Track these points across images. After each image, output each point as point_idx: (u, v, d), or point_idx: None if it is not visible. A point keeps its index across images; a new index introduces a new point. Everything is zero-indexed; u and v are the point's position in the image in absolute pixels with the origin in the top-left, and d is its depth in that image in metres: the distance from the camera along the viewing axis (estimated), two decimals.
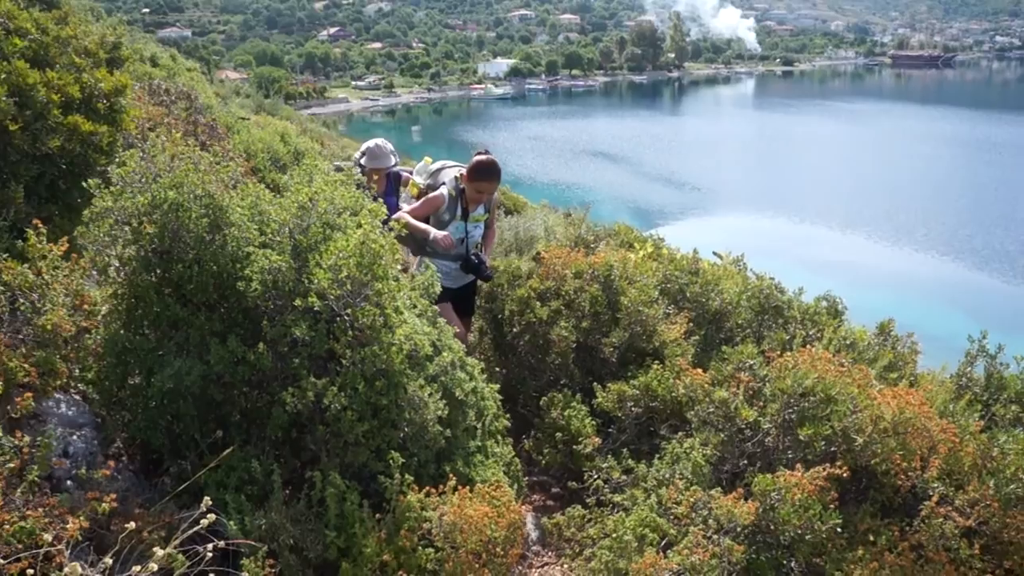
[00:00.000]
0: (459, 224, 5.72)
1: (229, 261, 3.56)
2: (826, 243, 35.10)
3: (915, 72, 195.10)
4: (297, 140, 17.42)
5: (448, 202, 5.68)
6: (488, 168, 5.59)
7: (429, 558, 3.06)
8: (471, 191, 5.64)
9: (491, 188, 5.69)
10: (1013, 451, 3.70)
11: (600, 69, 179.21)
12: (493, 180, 5.66)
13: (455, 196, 5.69)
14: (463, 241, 5.73)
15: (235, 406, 3.50)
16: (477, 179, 5.59)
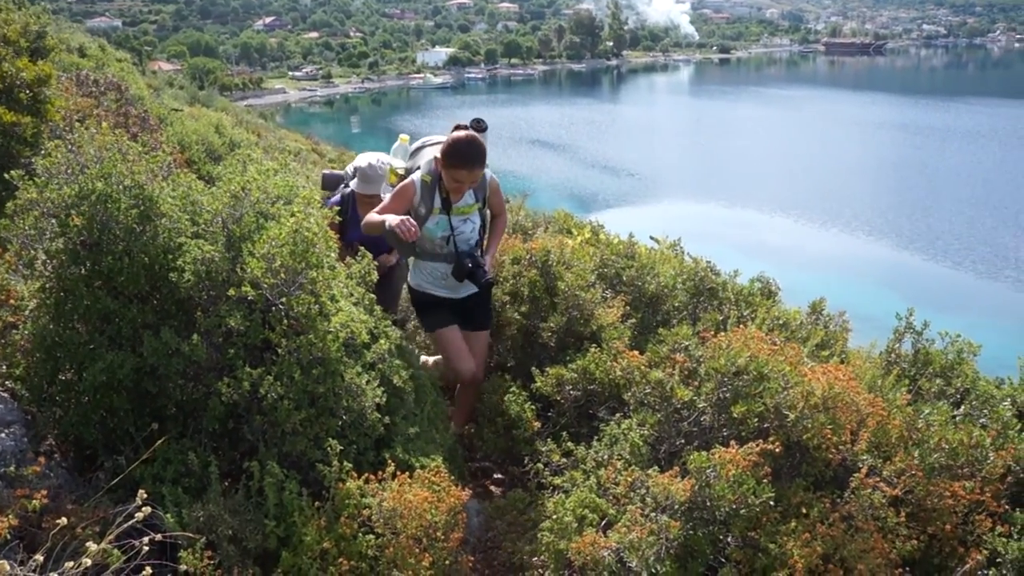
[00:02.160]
0: (440, 219, 4.67)
1: (161, 252, 3.51)
2: (761, 227, 35.67)
3: (848, 59, 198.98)
4: (232, 131, 17.17)
5: (421, 191, 4.60)
6: (463, 150, 4.43)
7: (370, 544, 3.06)
8: (447, 179, 4.53)
9: (471, 177, 4.51)
10: (937, 422, 3.83)
11: (539, 58, 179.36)
12: (470, 166, 4.46)
13: (430, 184, 4.62)
14: (448, 239, 4.71)
15: (170, 398, 3.46)
16: (450, 165, 4.46)
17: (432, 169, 4.61)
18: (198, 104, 31.47)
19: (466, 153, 4.38)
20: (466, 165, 4.40)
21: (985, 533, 3.49)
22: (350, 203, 6.11)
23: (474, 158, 4.39)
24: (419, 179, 4.59)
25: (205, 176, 8.25)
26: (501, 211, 5.03)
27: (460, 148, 4.39)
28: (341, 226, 5.54)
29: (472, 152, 4.39)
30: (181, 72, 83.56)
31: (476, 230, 4.82)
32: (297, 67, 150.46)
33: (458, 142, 4.39)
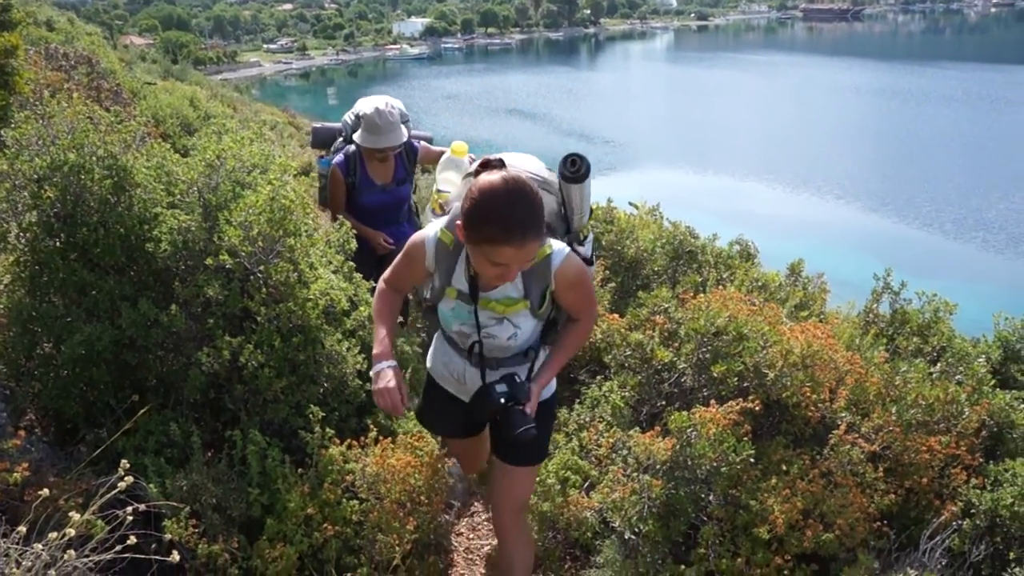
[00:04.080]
0: (459, 307, 2.79)
1: (136, 223, 3.48)
2: (739, 193, 35.66)
3: (826, 25, 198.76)
4: (207, 105, 16.97)
5: (436, 254, 2.75)
6: (502, 213, 2.37)
7: (354, 510, 3.08)
8: (475, 259, 2.53)
9: (519, 256, 2.43)
10: (914, 379, 3.88)
11: (516, 27, 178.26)
12: (516, 239, 2.38)
13: (451, 248, 2.71)
14: (472, 344, 2.86)
15: (150, 370, 3.45)
16: (479, 238, 2.43)
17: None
18: (172, 78, 31.04)
19: (508, 218, 2.35)
20: (508, 238, 2.36)
21: (960, 486, 3.55)
22: (356, 162, 4.93)
23: (522, 225, 2.36)
24: (434, 238, 2.72)
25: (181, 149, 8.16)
26: (584, 309, 2.85)
27: (497, 209, 2.36)
28: (348, 191, 4.96)
29: (518, 216, 2.36)
30: (153, 46, 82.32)
31: (523, 339, 2.83)
32: (272, 40, 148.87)
33: (494, 198, 2.36)
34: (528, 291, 2.71)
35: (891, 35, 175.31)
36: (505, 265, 2.44)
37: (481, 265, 2.50)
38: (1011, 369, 4.54)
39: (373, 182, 5.01)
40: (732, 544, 3.31)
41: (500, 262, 2.42)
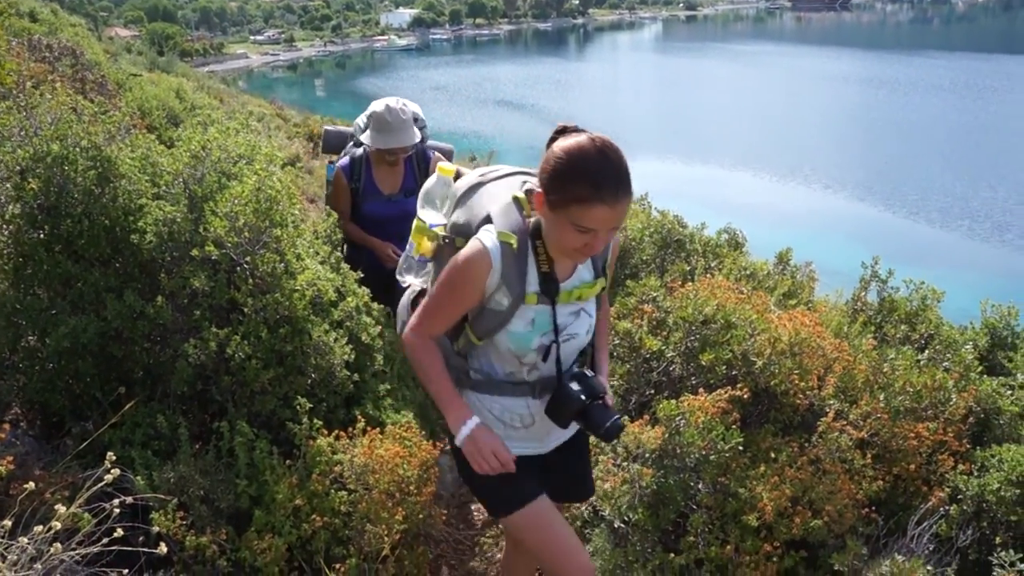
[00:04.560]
0: (540, 313, 2.45)
1: (121, 214, 3.45)
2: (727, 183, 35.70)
3: (814, 15, 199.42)
4: (194, 96, 16.86)
5: (503, 267, 2.36)
6: (607, 168, 2.21)
7: (342, 500, 3.07)
8: (564, 232, 2.26)
9: (613, 221, 2.23)
10: (901, 366, 3.89)
11: (504, 17, 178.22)
12: (619, 197, 2.20)
13: (517, 249, 2.36)
14: (548, 352, 2.50)
15: (137, 362, 3.43)
16: (579, 198, 2.20)
17: (518, 223, 2.37)
18: (158, 70, 30.85)
19: (600, 173, 2.18)
20: (601, 195, 2.16)
21: (947, 472, 3.57)
22: (362, 166, 4.61)
23: (615, 180, 2.19)
24: (497, 243, 2.34)
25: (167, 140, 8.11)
26: (609, 286, 2.75)
27: (588, 166, 2.19)
28: (353, 197, 4.64)
29: (611, 171, 2.19)
30: (139, 38, 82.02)
31: (591, 331, 2.63)
32: (259, 31, 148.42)
33: (583, 155, 2.20)
34: (597, 269, 2.55)
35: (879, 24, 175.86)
36: (593, 232, 2.21)
37: (565, 237, 2.25)
38: (998, 356, 4.56)
39: (379, 190, 4.63)
40: (721, 532, 3.31)
41: (589, 227, 2.19)
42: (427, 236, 2.64)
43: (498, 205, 2.43)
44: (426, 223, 2.65)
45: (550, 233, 2.32)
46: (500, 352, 2.49)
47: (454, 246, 2.49)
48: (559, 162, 2.21)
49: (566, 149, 2.22)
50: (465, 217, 2.51)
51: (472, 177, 2.61)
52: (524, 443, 2.64)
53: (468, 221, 2.49)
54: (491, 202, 2.46)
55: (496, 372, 2.56)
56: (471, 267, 2.35)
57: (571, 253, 2.33)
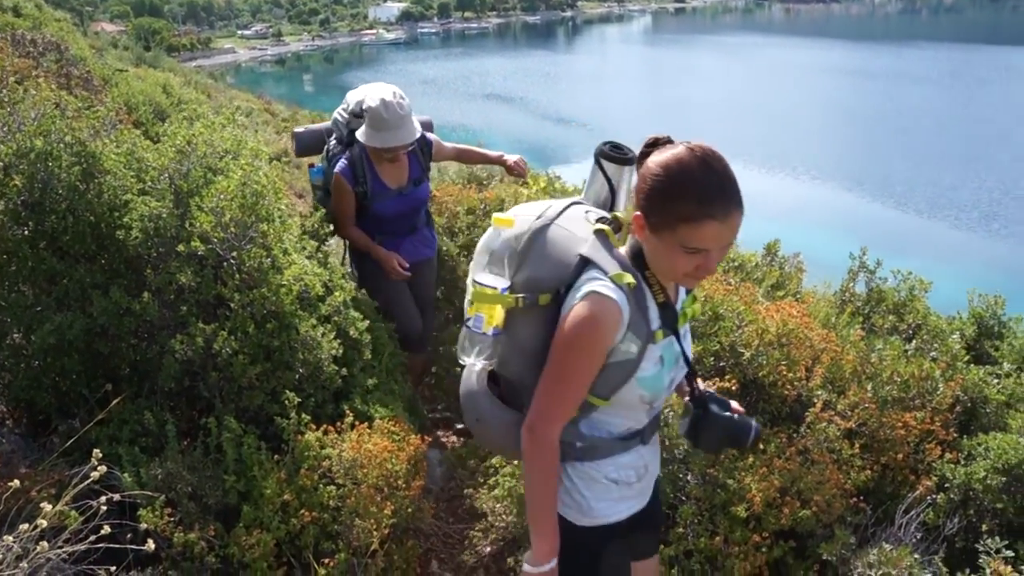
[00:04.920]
0: (667, 346, 2.19)
1: (106, 210, 3.43)
2: None
3: (803, 7, 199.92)
4: (181, 91, 16.79)
5: (630, 314, 2.06)
6: (719, 180, 1.97)
7: (331, 495, 3.06)
8: (668, 253, 2.02)
9: (722, 235, 1.96)
10: (889, 356, 3.91)
11: (493, 11, 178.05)
12: (735, 209, 1.97)
13: (635, 288, 2.08)
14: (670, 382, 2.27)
15: (123, 359, 3.41)
16: (675, 220, 1.96)
17: (622, 258, 2.12)
18: (144, 65, 30.71)
19: (707, 187, 1.95)
20: (711, 210, 1.93)
21: (935, 461, 3.59)
22: (364, 166, 4.26)
23: (724, 194, 1.96)
24: (617, 288, 2.04)
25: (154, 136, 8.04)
26: None
27: (692, 180, 1.96)
28: (359, 201, 4.33)
29: (718, 183, 1.96)
30: (125, 33, 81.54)
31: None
32: (246, 26, 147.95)
33: (684, 169, 1.96)
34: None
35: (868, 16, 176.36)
36: (705, 251, 1.95)
37: (674, 261, 1.99)
38: (984, 345, 4.59)
39: (387, 187, 4.32)
40: (710, 523, 3.32)
41: (700, 247, 1.94)
42: (501, 304, 2.17)
43: (586, 245, 2.12)
44: (496, 289, 2.17)
45: (657, 259, 2.06)
46: (628, 404, 2.17)
47: (537, 305, 2.14)
48: (657, 179, 1.97)
49: (663, 164, 1.97)
50: (544, 270, 2.14)
51: (527, 222, 2.22)
52: (634, 500, 2.35)
53: (550, 273, 2.13)
54: (572, 244, 2.14)
55: (613, 430, 2.23)
56: (602, 324, 2.01)
57: (682, 278, 2.07)
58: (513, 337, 2.21)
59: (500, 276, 2.21)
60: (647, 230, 2.02)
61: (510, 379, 2.30)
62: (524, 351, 2.20)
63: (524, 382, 2.22)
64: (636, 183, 2.06)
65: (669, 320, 2.14)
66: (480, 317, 2.21)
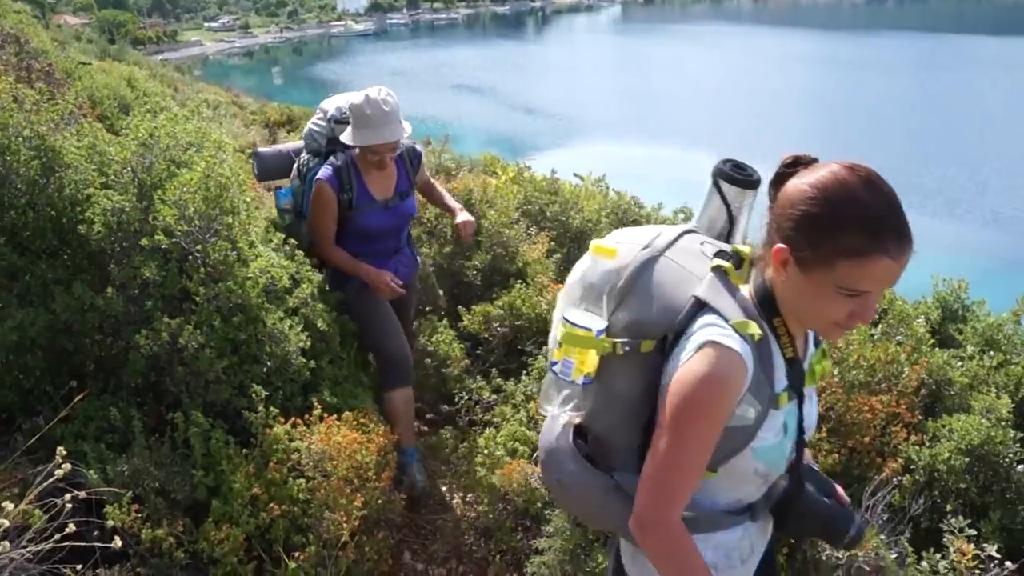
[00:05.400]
0: (791, 412, 1.80)
1: (67, 204, 3.39)
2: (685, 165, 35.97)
3: None
4: (146, 85, 16.57)
5: (753, 374, 1.68)
6: (870, 216, 1.59)
7: (300, 488, 3.04)
8: (823, 300, 1.64)
9: (892, 273, 1.61)
10: (856, 341, 3.95)
11: (463, 1, 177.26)
12: (894, 248, 1.59)
13: (759, 342, 1.69)
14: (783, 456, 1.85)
15: (88, 355, 3.37)
16: (838, 255, 1.59)
17: (746, 303, 1.76)
18: (109, 59, 30.27)
19: (892, 214, 1.63)
20: (883, 245, 1.59)
21: (900, 443, 3.63)
22: (350, 173, 3.91)
23: (899, 225, 1.63)
24: (742, 340, 1.68)
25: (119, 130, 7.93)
26: None
27: (860, 208, 1.61)
28: (342, 212, 3.93)
29: (901, 209, 1.66)
30: (89, 25, 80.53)
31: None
32: (213, 18, 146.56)
33: (850, 194, 1.62)
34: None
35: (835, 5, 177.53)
36: (865, 294, 1.62)
37: (824, 306, 1.65)
38: (949, 328, 4.65)
39: (373, 197, 3.96)
40: None
41: (862, 289, 1.61)
42: (595, 349, 1.82)
43: (702, 284, 1.76)
44: (591, 331, 1.82)
45: (799, 302, 1.69)
46: (739, 476, 1.83)
47: (637, 353, 1.79)
48: (814, 204, 1.61)
49: (820, 186, 1.62)
50: (649, 312, 1.79)
51: (632, 253, 1.86)
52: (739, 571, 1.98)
53: (657, 316, 1.77)
54: (685, 282, 1.79)
55: (717, 504, 1.89)
56: (724, 383, 1.65)
57: (828, 327, 1.71)
58: (607, 388, 1.86)
59: (596, 315, 1.85)
60: (793, 267, 1.64)
61: (600, 435, 1.93)
62: (619, 404, 1.86)
63: (615, 440, 1.90)
64: (777, 209, 1.68)
65: (796, 380, 1.79)
66: (569, 363, 1.87)
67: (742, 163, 2.04)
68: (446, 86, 65.86)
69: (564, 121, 49.87)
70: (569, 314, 1.87)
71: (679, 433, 1.67)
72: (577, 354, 1.84)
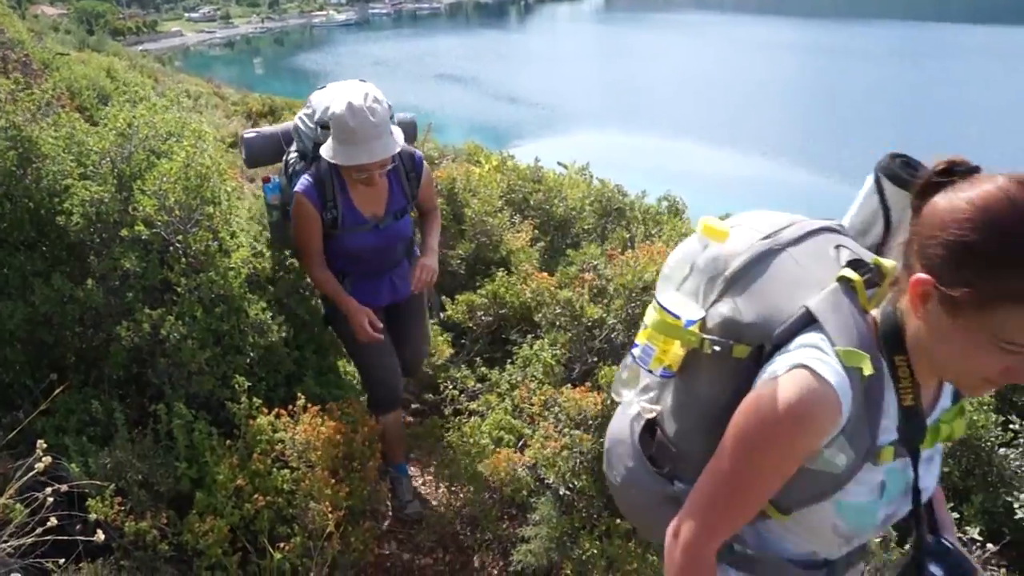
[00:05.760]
0: (895, 471, 1.47)
1: (45, 196, 3.36)
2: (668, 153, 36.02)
3: None
4: (126, 76, 16.43)
5: (855, 410, 1.37)
6: None
7: (285, 479, 3.03)
8: (974, 350, 1.29)
9: None
10: None
11: None
12: None
13: (871, 380, 1.37)
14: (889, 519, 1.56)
15: (68, 347, 3.35)
16: (1011, 294, 1.22)
17: (863, 330, 1.41)
18: (87, 50, 30.02)
19: None
20: None
21: None
22: (333, 187, 3.31)
23: None
24: (842, 374, 1.37)
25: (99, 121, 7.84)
26: None
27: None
28: (324, 230, 3.37)
29: None
30: (67, 16, 79.80)
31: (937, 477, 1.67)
32: (193, 8, 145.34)
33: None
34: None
35: None
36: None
37: (975, 358, 1.31)
38: None
39: (360, 216, 3.39)
40: None
41: None
42: (682, 339, 1.59)
43: (819, 293, 1.45)
44: (680, 318, 1.59)
45: (937, 348, 1.36)
46: (815, 529, 1.55)
47: (729, 356, 1.52)
48: (972, 229, 1.25)
49: (983, 206, 1.25)
50: (751, 312, 1.50)
51: (748, 240, 1.59)
52: None
53: (758, 318, 1.49)
54: (801, 287, 1.48)
55: (786, 551, 1.63)
56: (808, 417, 1.36)
57: (976, 383, 1.38)
58: (687, 387, 1.65)
59: (692, 303, 1.61)
60: (936, 303, 1.31)
61: (669, 437, 1.70)
62: (696, 408, 1.62)
63: (685, 446, 1.66)
64: (923, 228, 1.33)
65: (911, 434, 1.44)
66: (650, 349, 1.65)
67: (914, 160, 1.62)
68: (429, 76, 65.71)
69: (547, 110, 49.84)
70: (662, 296, 1.64)
71: (739, 461, 1.44)
72: (661, 342, 1.62)
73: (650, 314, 1.64)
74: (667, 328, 1.59)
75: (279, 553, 2.89)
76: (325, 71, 68.77)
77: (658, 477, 1.72)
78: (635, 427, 1.77)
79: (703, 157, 36.03)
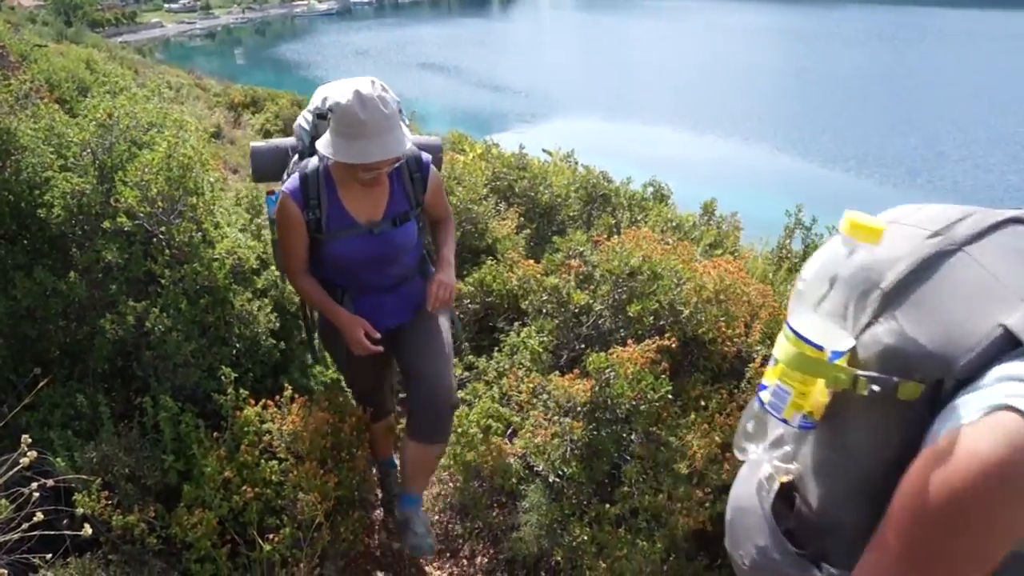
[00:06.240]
0: None
1: (26, 188, 3.33)
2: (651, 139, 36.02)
3: None
4: (106, 67, 16.26)
5: None
6: None
7: (273, 470, 3.01)
8: None
9: None
10: None
11: None
12: None
13: None
14: None
15: (52, 341, 3.32)
16: None
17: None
18: (66, 41, 29.72)
19: None
20: None
21: None
22: (321, 186, 2.89)
23: None
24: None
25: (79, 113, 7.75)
26: None
27: None
28: (310, 235, 2.93)
29: None
30: (44, 7, 78.89)
31: None
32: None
33: None
34: None
35: None
36: None
37: None
38: None
39: (351, 218, 2.94)
40: (655, 481, 3.35)
41: None
42: (826, 378, 1.16)
43: (1020, 306, 1.04)
44: (823, 349, 1.16)
45: None
46: None
47: (893, 398, 1.09)
48: None
49: None
50: (926, 333, 1.07)
51: (914, 240, 1.17)
52: None
53: (935, 345, 1.06)
54: (994, 299, 1.06)
55: None
56: (1016, 484, 0.95)
57: None
58: (835, 440, 1.23)
59: (838, 328, 1.17)
60: None
61: (813, 506, 1.27)
62: (850, 468, 1.20)
63: (833, 520, 1.24)
64: None
65: None
66: (784, 392, 1.22)
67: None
68: (412, 65, 65.42)
69: (530, 98, 49.73)
70: (796, 321, 1.20)
71: (916, 547, 1.02)
72: (798, 382, 1.19)
73: (781, 345, 1.22)
74: (805, 363, 1.17)
75: (268, 544, 2.88)
76: (307, 61, 68.41)
77: (800, 560, 1.28)
78: (766, 493, 1.34)
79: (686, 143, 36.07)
